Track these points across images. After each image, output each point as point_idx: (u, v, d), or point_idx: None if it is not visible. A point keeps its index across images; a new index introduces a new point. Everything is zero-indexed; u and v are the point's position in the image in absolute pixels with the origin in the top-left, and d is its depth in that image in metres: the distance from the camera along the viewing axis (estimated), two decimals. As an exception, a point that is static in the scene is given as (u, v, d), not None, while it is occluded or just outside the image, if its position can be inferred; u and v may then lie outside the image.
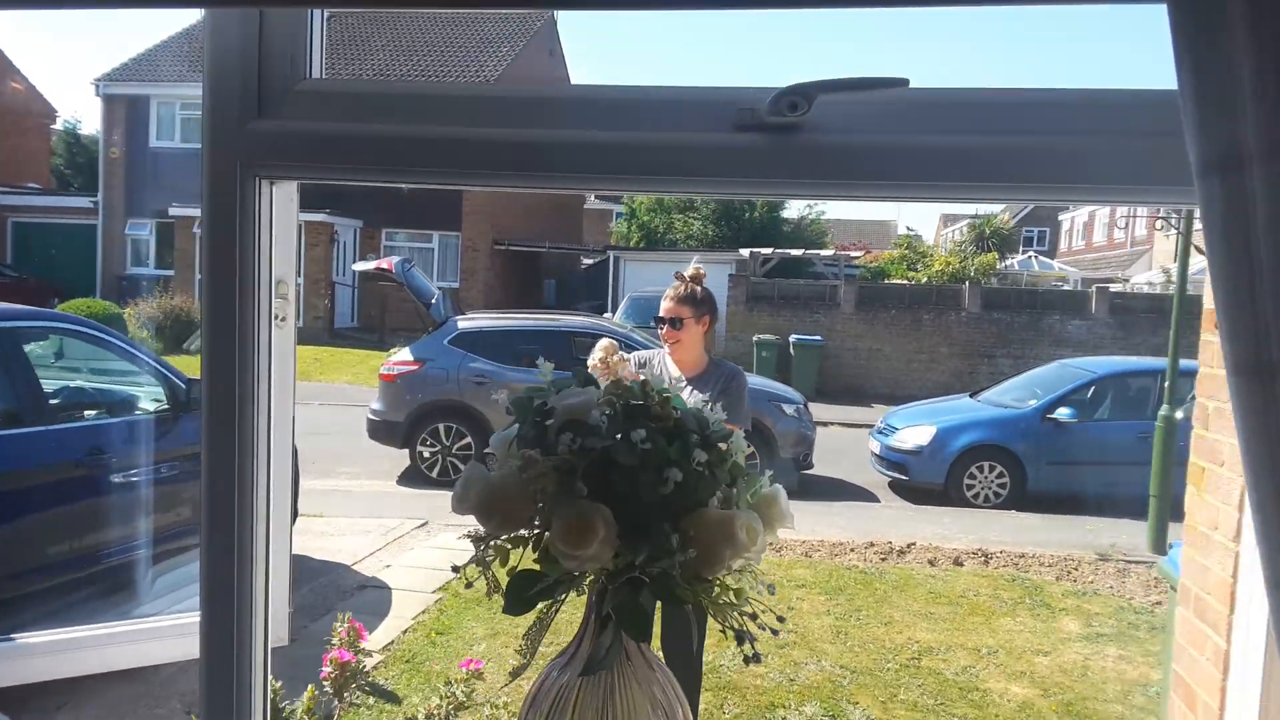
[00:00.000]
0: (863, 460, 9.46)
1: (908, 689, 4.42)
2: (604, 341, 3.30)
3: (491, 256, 22.00)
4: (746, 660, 0.89)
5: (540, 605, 1.02)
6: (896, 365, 15.41)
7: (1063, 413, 8.77)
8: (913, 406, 10.00)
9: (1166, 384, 7.35)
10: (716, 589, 0.90)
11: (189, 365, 5.17)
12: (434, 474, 8.77)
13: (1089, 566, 6.44)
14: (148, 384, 4.77)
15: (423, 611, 5.15)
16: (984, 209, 26.29)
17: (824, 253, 18.84)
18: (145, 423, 4.57)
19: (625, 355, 3.24)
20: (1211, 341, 2.46)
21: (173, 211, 18.75)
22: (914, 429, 8.86)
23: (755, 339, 15.11)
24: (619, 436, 0.89)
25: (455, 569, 1.08)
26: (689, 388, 3.37)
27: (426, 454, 8.86)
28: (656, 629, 3.44)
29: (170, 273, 18.67)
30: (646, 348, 10.23)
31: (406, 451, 9.00)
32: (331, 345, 18.84)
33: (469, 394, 8.85)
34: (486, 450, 1.00)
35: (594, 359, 3.23)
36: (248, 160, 1.15)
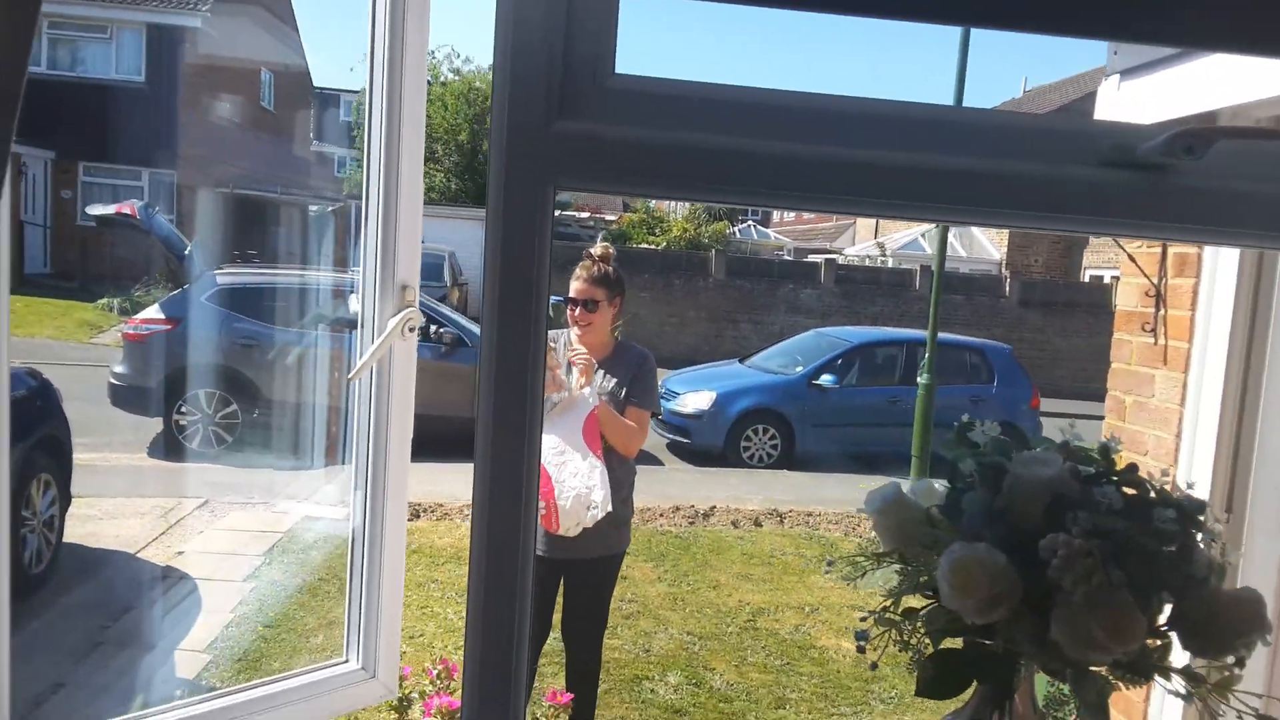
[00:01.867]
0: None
1: (754, 651, 4.64)
2: None
3: (214, 202, 20.10)
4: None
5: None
6: (650, 328, 15.88)
7: (826, 379, 9.47)
8: (690, 371, 10.37)
9: (927, 354, 8.12)
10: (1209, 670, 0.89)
11: None
12: (195, 444, 7.96)
13: (870, 522, 7.03)
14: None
15: (240, 603, 4.69)
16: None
17: (580, 215, 18.97)
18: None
19: (550, 343, 3.09)
20: (1127, 340, 2.75)
21: None
22: (695, 394, 9.20)
23: (512, 299, 14.94)
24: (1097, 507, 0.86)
25: (860, 648, 1.00)
26: (600, 371, 3.29)
27: (185, 423, 8.02)
28: (558, 615, 3.37)
29: None
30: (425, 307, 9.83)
31: (158, 419, 8.10)
32: (23, 294, 16.43)
33: (235, 357, 8.10)
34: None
35: None
36: (546, 167, 0.97)
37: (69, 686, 3.71)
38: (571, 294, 3.27)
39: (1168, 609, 0.91)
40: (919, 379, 8.44)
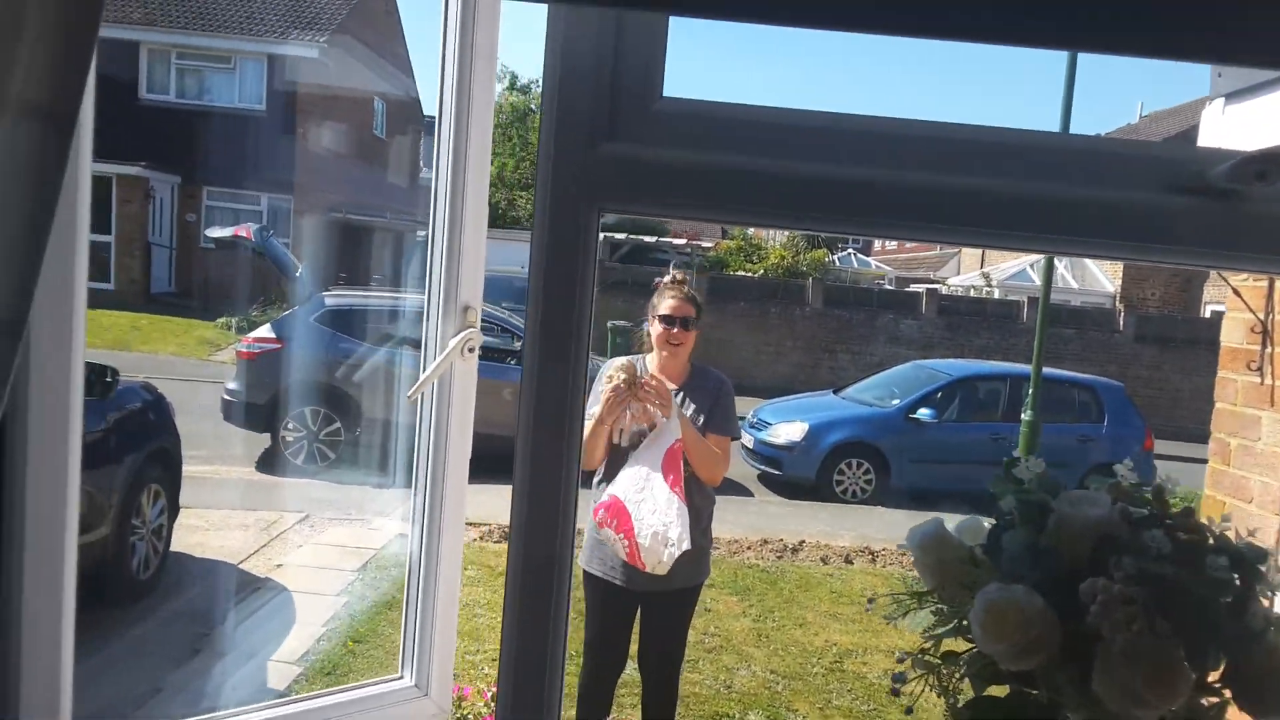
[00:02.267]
0: (730, 452, 9.63)
1: (839, 694, 4.52)
2: (619, 361, 3.09)
3: (326, 226, 20.91)
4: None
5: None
6: (746, 356, 15.81)
7: (924, 413, 9.24)
8: (783, 402, 10.27)
9: (1031, 390, 7.85)
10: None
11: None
12: (300, 460, 8.25)
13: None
14: None
15: (332, 617, 4.82)
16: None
17: (677, 241, 19.06)
18: None
19: (641, 374, 3.06)
20: (1232, 379, 2.61)
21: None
22: (787, 425, 9.10)
23: (609, 324, 15.07)
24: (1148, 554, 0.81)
25: (895, 690, 0.97)
26: (681, 396, 3.26)
27: (291, 439, 8.32)
28: (635, 646, 3.34)
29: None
30: (508, 325, 9.98)
31: (267, 435, 8.43)
32: (149, 312, 17.37)
33: (340, 377, 8.37)
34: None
35: (614, 381, 2.99)
36: (592, 189, 0.98)
37: (166, 690, 3.87)
38: (665, 312, 3.20)
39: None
40: (1023, 415, 8.16)
